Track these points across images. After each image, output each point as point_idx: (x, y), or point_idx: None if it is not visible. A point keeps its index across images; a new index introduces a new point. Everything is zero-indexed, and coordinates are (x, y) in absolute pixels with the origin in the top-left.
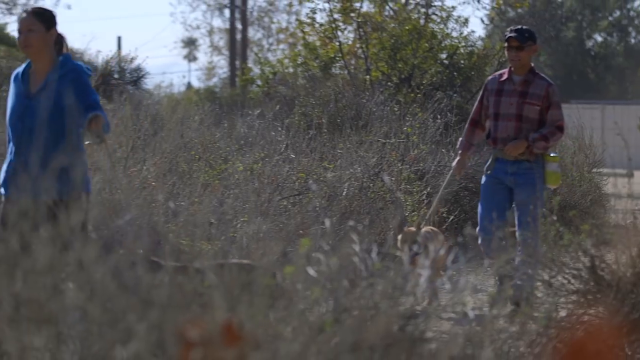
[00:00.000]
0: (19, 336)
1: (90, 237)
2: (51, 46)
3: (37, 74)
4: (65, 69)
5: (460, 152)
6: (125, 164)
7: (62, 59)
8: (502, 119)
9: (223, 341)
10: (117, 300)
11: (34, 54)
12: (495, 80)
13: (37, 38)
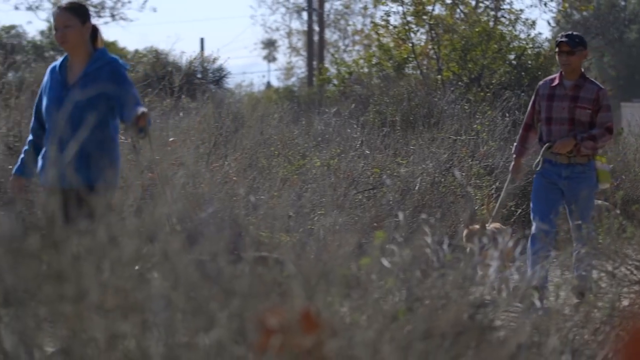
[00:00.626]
0: (107, 324)
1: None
2: (87, 39)
3: (75, 67)
4: (102, 62)
5: (516, 156)
6: (207, 160)
7: (99, 52)
8: (555, 123)
9: (301, 329)
10: (200, 289)
11: (71, 49)
12: (547, 85)
13: (73, 33)
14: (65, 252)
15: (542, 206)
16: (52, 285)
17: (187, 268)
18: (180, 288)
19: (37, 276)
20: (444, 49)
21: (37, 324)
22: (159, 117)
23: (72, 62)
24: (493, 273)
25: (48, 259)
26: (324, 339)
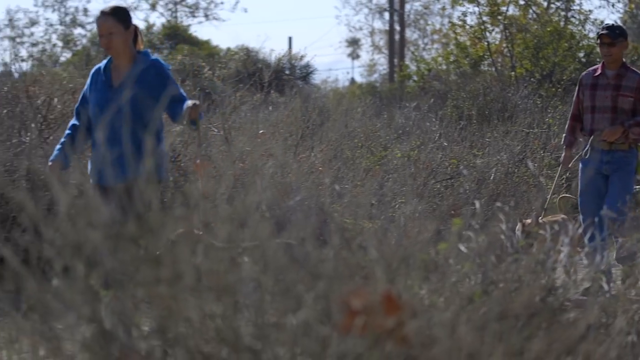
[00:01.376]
0: (200, 304)
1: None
2: (131, 43)
3: (119, 69)
4: (146, 63)
5: (566, 147)
6: (295, 151)
7: (142, 54)
8: (598, 111)
9: (383, 310)
10: (288, 272)
11: (116, 54)
12: (590, 75)
13: (118, 40)
14: (162, 237)
15: (588, 197)
16: (149, 269)
17: (276, 252)
18: (269, 271)
19: (135, 260)
20: (517, 47)
21: (134, 304)
22: (250, 111)
23: (116, 64)
24: (564, 258)
25: (145, 244)
26: (404, 319)
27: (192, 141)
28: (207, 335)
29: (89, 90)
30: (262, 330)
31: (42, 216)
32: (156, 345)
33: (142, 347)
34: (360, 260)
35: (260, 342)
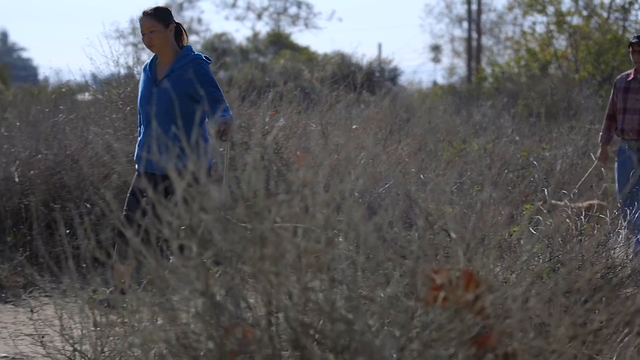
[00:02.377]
0: (300, 279)
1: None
2: (172, 40)
3: (162, 64)
4: (187, 59)
5: (602, 144)
6: (384, 144)
7: (184, 50)
8: (629, 112)
9: (462, 285)
10: (378, 252)
11: (158, 51)
12: (623, 79)
13: (158, 37)
14: (267, 219)
15: (625, 185)
16: (255, 248)
17: (368, 234)
18: (361, 250)
19: (243, 240)
20: (580, 53)
21: (242, 280)
22: (344, 108)
23: (160, 60)
24: (622, 239)
25: (252, 226)
26: (481, 294)
27: (293, 135)
28: (306, 307)
29: (140, 85)
30: (355, 303)
31: (160, 200)
32: (261, 316)
33: (249, 318)
34: (442, 241)
35: (353, 314)
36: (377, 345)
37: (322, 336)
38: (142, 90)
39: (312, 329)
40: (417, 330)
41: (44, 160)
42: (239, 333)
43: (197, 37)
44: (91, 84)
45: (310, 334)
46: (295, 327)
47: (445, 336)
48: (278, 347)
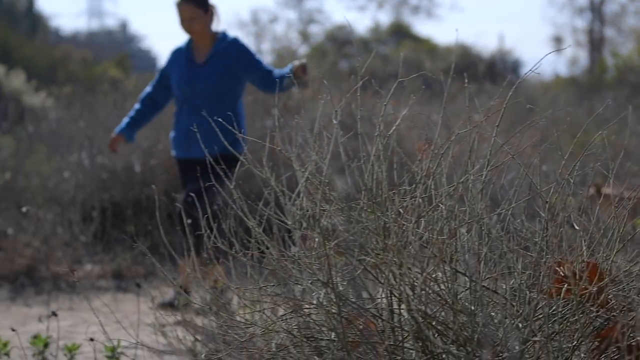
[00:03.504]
0: (424, 271)
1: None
2: (210, 24)
3: (201, 48)
4: (227, 42)
5: None
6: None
7: (222, 34)
8: None
9: (586, 277)
10: (501, 243)
11: (198, 37)
12: None
13: (199, 23)
14: (389, 210)
15: None
16: (378, 239)
17: (491, 225)
18: (484, 241)
19: (365, 230)
20: None
21: (364, 271)
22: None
23: (197, 44)
24: None
25: (374, 216)
26: (605, 286)
27: (415, 125)
28: (428, 299)
29: (170, 69)
30: (478, 295)
31: (282, 191)
32: (383, 307)
33: (371, 309)
34: (565, 233)
35: (475, 305)
36: (500, 337)
37: (444, 328)
38: (180, 72)
39: (435, 321)
40: (539, 323)
41: (164, 150)
42: (361, 324)
43: (319, 27)
44: None
45: (433, 326)
46: (417, 319)
47: (568, 329)
48: (400, 338)
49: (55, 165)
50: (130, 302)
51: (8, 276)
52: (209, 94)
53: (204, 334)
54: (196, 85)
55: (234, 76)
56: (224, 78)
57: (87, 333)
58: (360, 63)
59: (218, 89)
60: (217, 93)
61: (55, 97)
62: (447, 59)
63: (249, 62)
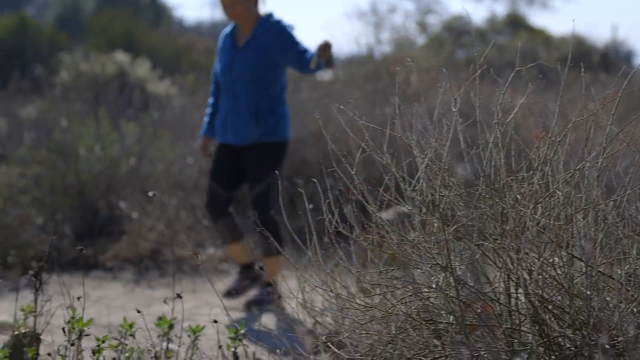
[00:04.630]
0: (541, 256)
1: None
2: (253, 8)
3: (243, 31)
4: (268, 24)
5: None
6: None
7: (265, 16)
8: None
9: None
10: (617, 229)
11: (241, 20)
12: None
13: (241, 7)
14: (507, 196)
15: None
16: (496, 224)
17: (607, 211)
18: (600, 227)
19: (483, 215)
20: None
21: (482, 255)
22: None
23: (241, 28)
24: None
25: (492, 202)
26: None
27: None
28: (545, 282)
29: (219, 56)
30: (593, 279)
31: (402, 177)
32: (501, 291)
33: (489, 293)
34: None
35: (591, 290)
36: (615, 321)
37: (560, 312)
38: (222, 58)
39: (551, 305)
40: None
41: None
42: (479, 308)
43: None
44: None
45: (549, 310)
46: (534, 303)
47: None
48: (517, 321)
49: (178, 151)
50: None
51: (133, 259)
52: (247, 80)
53: (324, 316)
54: (234, 71)
55: (272, 60)
56: (260, 62)
57: (210, 315)
58: (478, 53)
59: (255, 74)
60: (255, 78)
61: (179, 85)
62: (562, 49)
63: (286, 44)
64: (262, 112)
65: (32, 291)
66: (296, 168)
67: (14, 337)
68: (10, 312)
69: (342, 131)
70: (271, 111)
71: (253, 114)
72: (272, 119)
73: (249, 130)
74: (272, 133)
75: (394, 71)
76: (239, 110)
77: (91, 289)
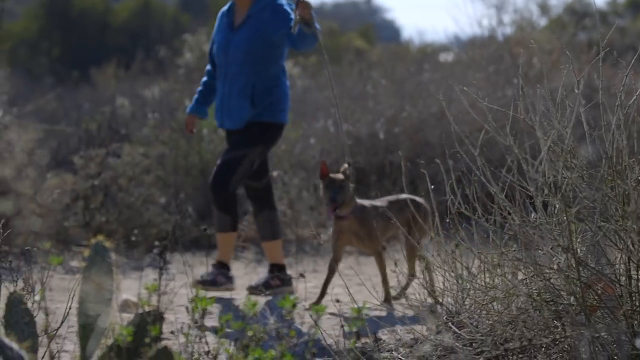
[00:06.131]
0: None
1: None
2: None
3: (240, 10)
4: (264, 3)
5: None
6: None
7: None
8: None
9: None
10: None
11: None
12: None
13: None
14: (629, 177)
15: None
16: (618, 205)
17: None
18: None
19: (605, 197)
20: None
21: (604, 236)
22: None
23: (237, 6)
24: None
25: (615, 183)
26: None
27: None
28: None
29: (215, 36)
30: None
31: (526, 158)
32: (621, 273)
33: (610, 274)
34: None
35: None
36: None
37: None
38: (218, 38)
39: None
40: None
41: (408, 118)
42: (600, 289)
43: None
44: (453, 45)
45: None
46: None
47: None
48: (637, 303)
49: (301, 131)
50: (373, 265)
51: (254, 239)
52: (241, 60)
53: (444, 297)
54: (229, 52)
55: (267, 39)
56: (255, 42)
57: (331, 294)
58: (600, 35)
59: (250, 55)
60: (250, 60)
61: (302, 66)
62: None
63: (281, 22)
64: (258, 95)
65: (155, 270)
66: (418, 149)
67: (138, 315)
68: (134, 290)
69: (464, 112)
70: (268, 93)
71: (249, 97)
72: (268, 100)
73: (244, 114)
74: (263, 113)
75: (517, 53)
76: (235, 94)
77: None
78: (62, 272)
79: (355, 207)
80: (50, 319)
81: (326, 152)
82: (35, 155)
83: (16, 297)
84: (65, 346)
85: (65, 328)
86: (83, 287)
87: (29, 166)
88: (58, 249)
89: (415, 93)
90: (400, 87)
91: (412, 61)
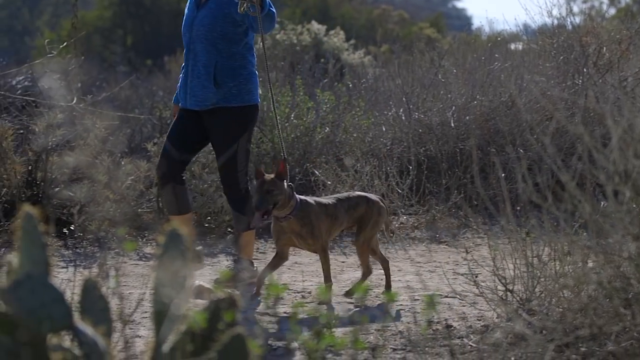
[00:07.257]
0: None
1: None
2: None
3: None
4: None
5: None
6: None
7: None
8: None
9: None
10: None
11: None
12: None
13: None
14: None
15: None
16: None
17: None
18: None
19: None
20: None
21: None
22: None
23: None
24: None
25: None
26: None
27: None
28: None
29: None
30: None
31: (596, 146)
32: None
33: None
34: None
35: None
36: None
37: None
38: (186, 17)
39: None
40: None
41: (479, 107)
42: None
43: None
44: (523, 34)
45: None
46: None
47: None
48: None
49: (373, 119)
50: (443, 252)
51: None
52: (203, 37)
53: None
54: (194, 30)
55: (228, 16)
56: (217, 19)
57: (403, 281)
58: None
59: (212, 32)
60: (212, 37)
61: (374, 55)
62: None
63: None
64: (221, 74)
65: (228, 256)
66: (488, 137)
67: (213, 301)
68: (208, 276)
69: (534, 101)
70: (232, 73)
71: (211, 75)
72: (232, 82)
73: (208, 94)
74: (233, 97)
75: (586, 42)
76: (198, 72)
77: None
78: (136, 258)
79: (295, 206)
80: (125, 304)
81: (397, 140)
82: (110, 143)
83: (91, 283)
84: (139, 332)
85: (139, 314)
86: (157, 274)
87: (103, 153)
88: (132, 236)
89: (485, 82)
90: (471, 75)
91: (483, 50)
